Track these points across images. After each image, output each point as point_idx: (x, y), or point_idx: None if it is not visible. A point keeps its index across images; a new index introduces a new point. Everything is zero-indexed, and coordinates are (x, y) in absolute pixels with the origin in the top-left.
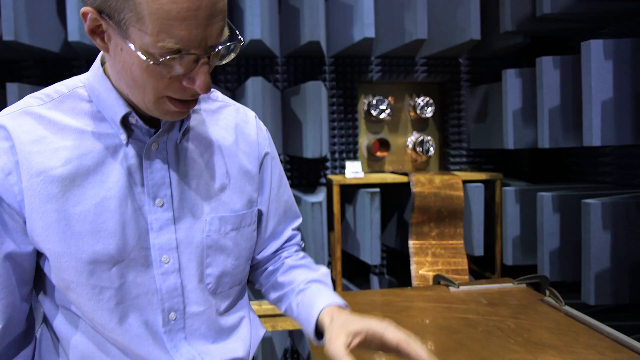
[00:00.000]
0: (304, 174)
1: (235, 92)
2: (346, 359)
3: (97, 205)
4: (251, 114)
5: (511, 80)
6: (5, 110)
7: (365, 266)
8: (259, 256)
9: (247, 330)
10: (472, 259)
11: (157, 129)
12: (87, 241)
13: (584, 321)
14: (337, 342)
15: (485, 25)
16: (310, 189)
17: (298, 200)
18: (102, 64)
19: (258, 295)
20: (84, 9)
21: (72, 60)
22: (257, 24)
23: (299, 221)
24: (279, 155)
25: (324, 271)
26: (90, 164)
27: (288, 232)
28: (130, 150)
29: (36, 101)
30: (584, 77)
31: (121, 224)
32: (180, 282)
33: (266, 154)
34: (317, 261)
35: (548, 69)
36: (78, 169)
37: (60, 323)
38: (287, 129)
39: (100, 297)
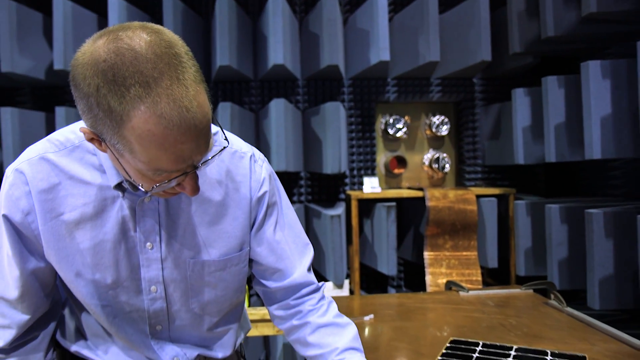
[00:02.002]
0: (324, 190)
1: (259, 113)
2: None
3: (95, 245)
4: (246, 158)
5: (520, 99)
6: (26, 153)
7: (383, 279)
8: (268, 284)
9: (233, 337)
10: (488, 272)
11: None
12: (88, 272)
13: (581, 319)
14: None
15: (496, 47)
16: (330, 204)
17: (318, 214)
18: None
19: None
20: (83, 128)
21: None
22: (280, 50)
23: (307, 256)
24: (300, 172)
25: (352, 332)
26: (92, 211)
27: (298, 272)
28: (126, 201)
29: (52, 147)
30: (584, 95)
31: (115, 262)
32: (165, 306)
33: (259, 197)
34: (336, 273)
35: (553, 87)
36: (82, 215)
37: (78, 305)
38: (307, 147)
39: (101, 311)
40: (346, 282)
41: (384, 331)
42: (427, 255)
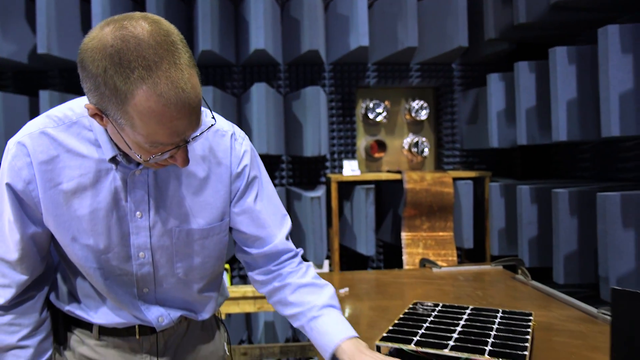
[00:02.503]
0: (305, 173)
1: (241, 98)
2: None
3: (90, 212)
4: (227, 136)
5: (495, 84)
6: (27, 128)
7: (363, 259)
8: (250, 250)
9: (213, 303)
10: (465, 254)
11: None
12: (83, 237)
13: (543, 290)
14: None
15: (473, 33)
16: (311, 186)
17: (298, 197)
18: None
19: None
20: (87, 104)
21: None
22: (261, 35)
23: (286, 226)
24: (281, 155)
25: (330, 291)
26: (87, 182)
27: (278, 240)
28: (119, 173)
29: (51, 122)
30: (551, 80)
31: (107, 228)
32: (152, 271)
33: (239, 171)
34: (316, 254)
35: (524, 73)
36: (78, 185)
37: (71, 269)
38: (289, 131)
39: (94, 273)
40: (326, 262)
41: (356, 301)
42: (404, 235)
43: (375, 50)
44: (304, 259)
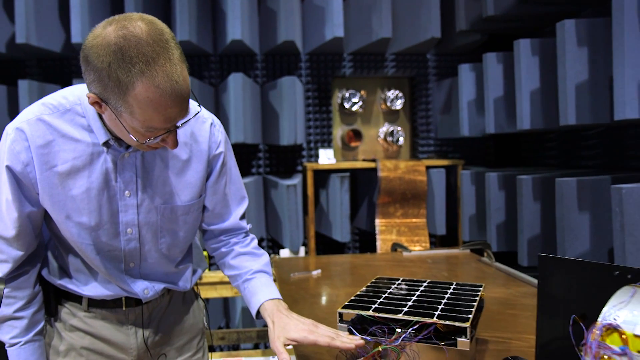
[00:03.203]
0: (282, 162)
1: (219, 88)
2: (284, 355)
3: (83, 192)
4: (207, 123)
5: (465, 74)
6: (24, 114)
7: (339, 246)
8: (210, 227)
9: (189, 274)
10: (439, 240)
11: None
12: (77, 215)
13: (505, 271)
14: (278, 342)
15: (447, 24)
16: (287, 175)
17: (275, 185)
18: None
19: None
20: (89, 94)
21: (71, 60)
22: (238, 26)
23: (243, 206)
24: (258, 144)
25: (265, 260)
26: (81, 164)
27: (234, 218)
28: (110, 156)
29: (46, 110)
30: (516, 71)
31: (99, 206)
32: (138, 246)
33: (216, 154)
34: (293, 241)
35: (492, 64)
36: (72, 167)
37: (63, 246)
38: (266, 120)
39: (86, 249)
40: (302, 249)
41: (330, 282)
42: (378, 222)
43: (350, 41)
44: (281, 246)
